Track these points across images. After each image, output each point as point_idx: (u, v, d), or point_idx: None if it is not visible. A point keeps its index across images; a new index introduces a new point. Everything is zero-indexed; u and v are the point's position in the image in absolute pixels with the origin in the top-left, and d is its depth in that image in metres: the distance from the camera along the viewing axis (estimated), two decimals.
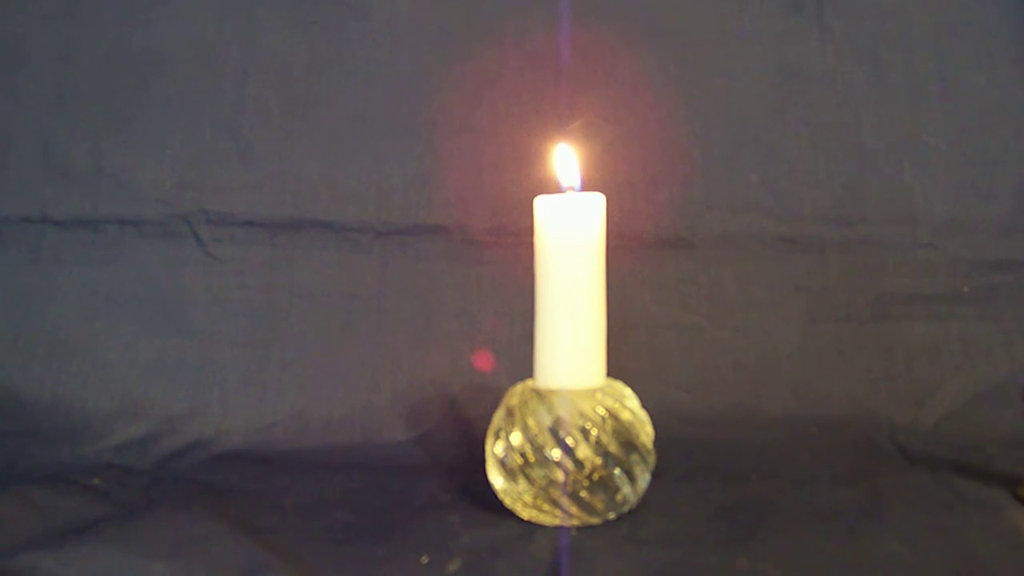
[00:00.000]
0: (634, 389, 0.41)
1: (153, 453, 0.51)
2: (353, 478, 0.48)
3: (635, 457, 0.38)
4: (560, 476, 0.37)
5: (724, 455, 0.52)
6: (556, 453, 0.37)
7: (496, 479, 0.40)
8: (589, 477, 0.37)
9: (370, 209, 0.60)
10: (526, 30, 0.63)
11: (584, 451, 0.37)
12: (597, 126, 0.58)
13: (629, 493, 0.39)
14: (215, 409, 0.55)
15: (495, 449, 0.39)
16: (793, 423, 0.57)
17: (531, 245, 0.41)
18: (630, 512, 0.40)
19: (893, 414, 0.57)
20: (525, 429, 0.38)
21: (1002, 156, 0.62)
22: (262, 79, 0.60)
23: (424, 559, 0.35)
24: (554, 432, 0.38)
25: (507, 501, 0.40)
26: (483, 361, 0.58)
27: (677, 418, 0.56)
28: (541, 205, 0.40)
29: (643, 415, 0.40)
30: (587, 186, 0.42)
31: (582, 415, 0.38)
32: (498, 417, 0.40)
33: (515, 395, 0.40)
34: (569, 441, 0.37)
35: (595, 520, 0.39)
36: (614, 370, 0.41)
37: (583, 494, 0.38)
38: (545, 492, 0.38)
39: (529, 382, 0.41)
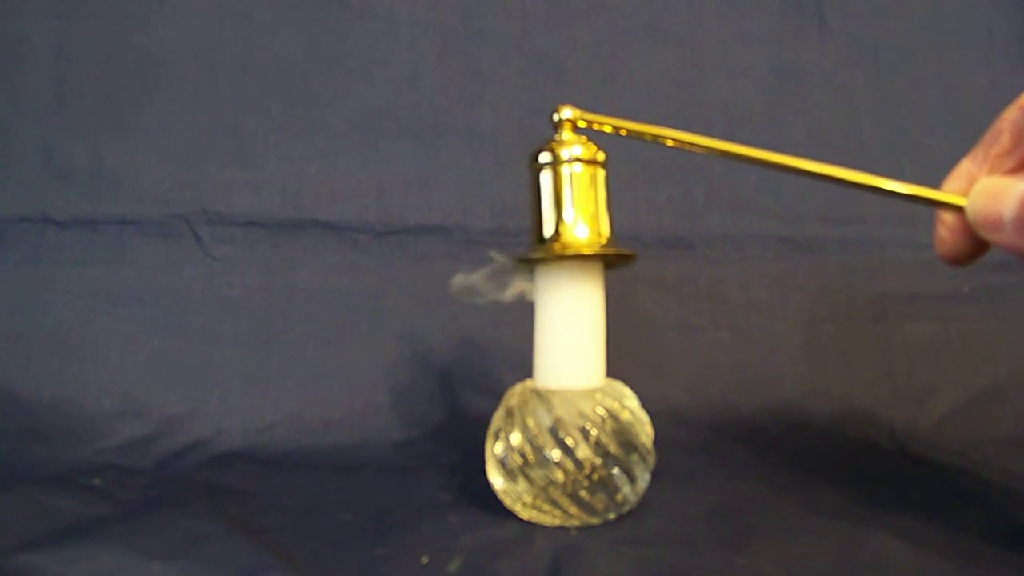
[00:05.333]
0: (634, 389, 0.41)
1: (153, 453, 0.51)
2: (353, 478, 0.48)
3: (635, 457, 0.38)
4: (560, 476, 0.37)
5: (724, 455, 0.52)
6: (556, 453, 0.37)
7: (496, 479, 0.40)
8: (589, 477, 0.37)
9: (370, 209, 0.60)
10: (526, 30, 0.64)
11: (584, 451, 0.37)
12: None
13: (629, 493, 0.39)
14: (215, 409, 0.55)
15: (495, 449, 0.39)
16: (793, 423, 0.57)
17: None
18: (630, 512, 0.40)
19: (893, 414, 0.57)
20: (525, 429, 0.38)
21: None
22: (262, 79, 0.60)
23: (424, 559, 0.35)
24: (554, 432, 0.38)
25: (507, 501, 0.40)
26: None
27: (677, 418, 0.56)
28: None
29: (643, 415, 0.40)
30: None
31: (582, 415, 0.38)
32: (498, 417, 0.40)
33: (515, 395, 0.40)
34: (569, 441, 0.37)
35: (595, 520, 0.39)
36: (614, 370, 0.41)
37: (583, 494, 0.38)
38: (545, 492, 0.38)
39: (529, 382, 0.41)
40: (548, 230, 0.39)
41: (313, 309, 0.58)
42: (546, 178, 0.39)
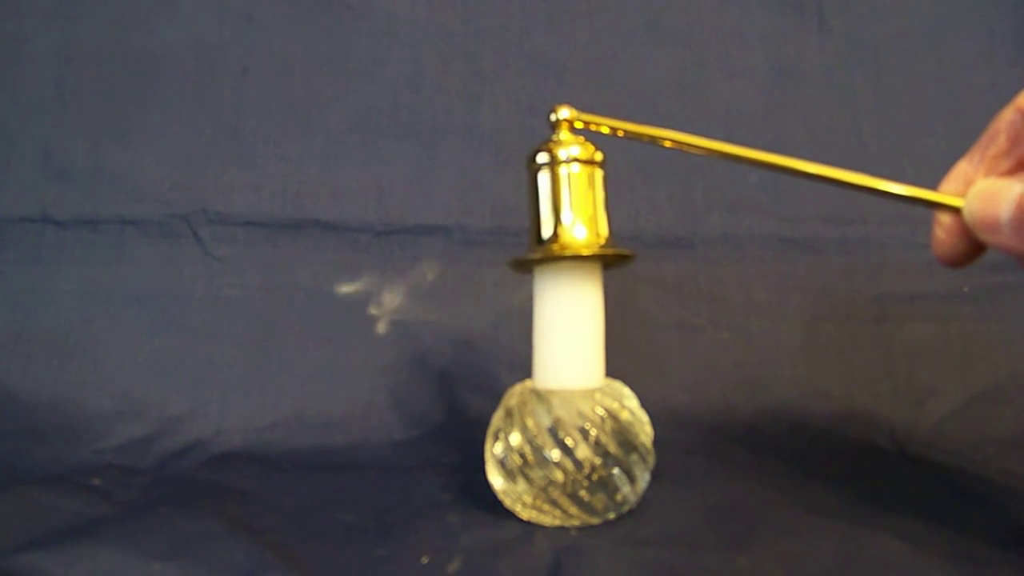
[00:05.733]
0: (634, 389, 0.41)
1: (153, 453, 0.51)
2: (353, 478, 0.48)
3: (635, 457, 0.38)
4: (559, 476, 0.37)
5: (724, 455, 0.52)
6: (555, 454, 0.37)
7: (496, 480, 0.40)
8: (589, 477, 0.37)
9: (370, 209, 0.60)
10: (526, 30, 0.64)
11: (583, 451, 0.37)
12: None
13: (629, 493, 0.39)
14: (215, 409, 0.55)
15: (494, 450, 0.39)
16: (793, 423, 0.57)
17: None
18: (630, 512, 0.40)
19: (893, 414, 0.57)
20: (524, 430, 0.38)
21: None
22: (262, 79, 0.61)
23: (424, 559, 0.35)
24: (553, 432, 0.38)
25: (507, 502, 0.40)
26: None
27: (677, 418, 0.56)
28: None
29: (643, 415, 0.40)
30: None
31: (581, 415, 0.38)
32: (497, 418, 0.40)
33: (514, 396, 0.40)
34: (568, 441, 0.37)
35: (595, 520, 0.39)
36: (614, 370, 0.41)
37: (583, 494, 0.38)
38: (545, 492, 0.38)
39: (528, 383, 0.41)
40: (547, 231, 0.39)
41: (313, 309, 0.58)
42: (544, 178, 0.39)
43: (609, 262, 0.40)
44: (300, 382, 0.57)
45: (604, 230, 0.39)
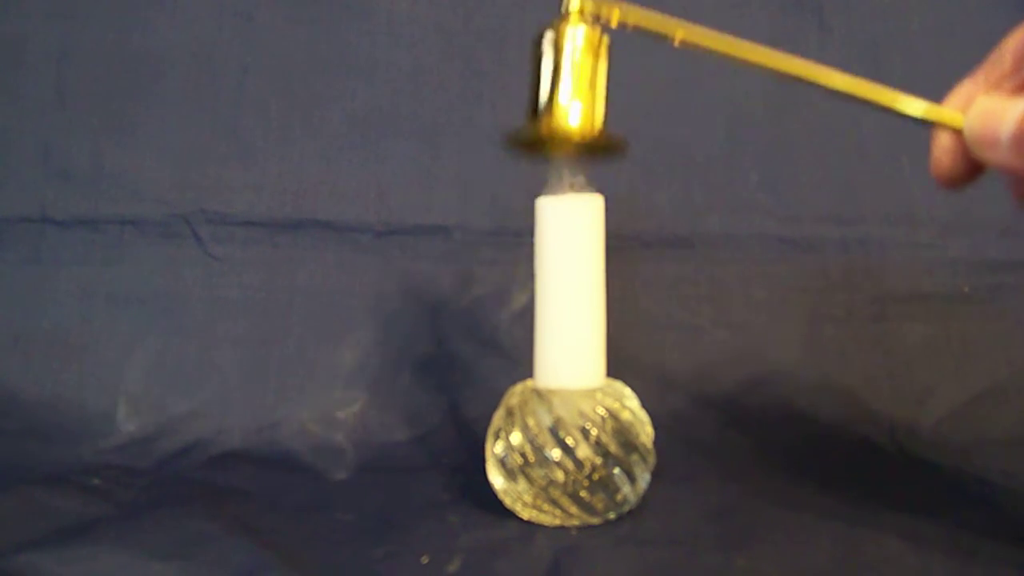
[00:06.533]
0: (634, 389, 0.41)
1: (153, 453, 0.51)
2: (353, 478, 0.48)
3: (635, 457, 0.39)
4: (560, 476, 0.37)
5: (724, 455, 0.52)
6: (556, 453, 0.37)
7: (496, 479, 0.40)
8: (589, 477, 0.38)
9: (370, 209, 0.60)
10: (526, 30, 0.63)
11: (584, 451, 0.37)
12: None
13: (629, 493, 0.39)
14: (215, 409, 0.55)
15: (495, 449, 0.39)
16: (793, 423, 0.57)
17: (531, 245, 0.41)
18: (630, 512, 0.40)
19: (893, 414, 0.56)
20: (525, 429, 0.38)
21: None
22: (262, 79, 0.60)
23: (424, 559, 0.35)
24: (554, 432, 0.38)
25: (507, 501, 0.40)
26: None
27: (677, 418, 0.56)
28: (542, 206, 0.40)
29: (643, 415, 0.40)
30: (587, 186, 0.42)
31: (582, 415, 0.38)
32: (498, 417, 0.40)
33: (515, 395, 0.40)
34: (569, 441, 0.37)
35: (595, 520, 0.39)
36: (614, 370, 0.41)
37: (583, 494, 0.38)
38: (545, 492, 0.38)
39: (529, 382, 0.41)
40: (543, 104, 0.38)
41: (313, 309, 0.58)
42: (547, 50, 0.39)
43: (600, 149, 0.39)
44: (300, 382, 0.57)
45: (599, 121, 0.38)
